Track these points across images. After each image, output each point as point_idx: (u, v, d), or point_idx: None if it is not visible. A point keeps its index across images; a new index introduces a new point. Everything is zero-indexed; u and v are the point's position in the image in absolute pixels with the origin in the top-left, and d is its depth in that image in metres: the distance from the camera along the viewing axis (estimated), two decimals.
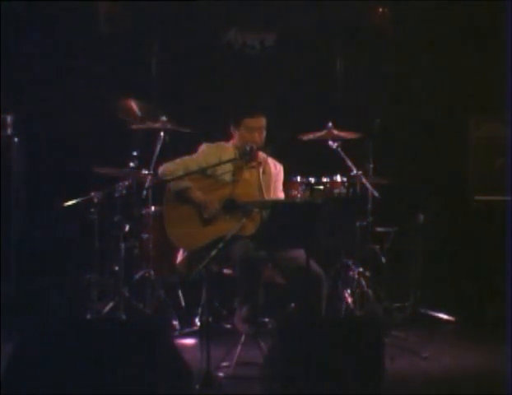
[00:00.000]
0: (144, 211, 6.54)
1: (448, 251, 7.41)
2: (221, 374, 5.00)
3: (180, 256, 5.61)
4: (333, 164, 6.31)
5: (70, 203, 6.31)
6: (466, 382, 5.13)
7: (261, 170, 5.67)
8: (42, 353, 3.86)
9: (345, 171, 6.25)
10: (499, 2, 7.11)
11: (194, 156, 5.67)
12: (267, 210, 5.31)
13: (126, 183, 6.40)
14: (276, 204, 5.30)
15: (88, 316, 6.23)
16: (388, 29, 7.71)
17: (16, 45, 7.23)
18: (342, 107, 7.45)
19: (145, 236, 6.52)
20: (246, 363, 5.16)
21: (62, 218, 6.87)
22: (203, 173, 5.56)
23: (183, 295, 6.61)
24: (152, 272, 6.42)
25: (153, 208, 6.46)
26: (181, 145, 6.13)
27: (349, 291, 6.46)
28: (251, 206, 5.33)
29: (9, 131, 6.87)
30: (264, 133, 5.61)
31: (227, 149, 5.69)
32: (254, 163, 5.66)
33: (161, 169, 5.65)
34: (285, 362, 4.04)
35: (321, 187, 5.95)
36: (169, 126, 6.47)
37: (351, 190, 6.19)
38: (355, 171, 6.31)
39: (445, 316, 6.84)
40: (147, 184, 6.40)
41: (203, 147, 5.72)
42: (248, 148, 5.57)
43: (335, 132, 6.45)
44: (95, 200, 6.33)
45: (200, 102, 7.39)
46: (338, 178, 6.13)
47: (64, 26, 7.33)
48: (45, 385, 3.81)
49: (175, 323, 6.30)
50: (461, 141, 7.45)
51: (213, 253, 4.79)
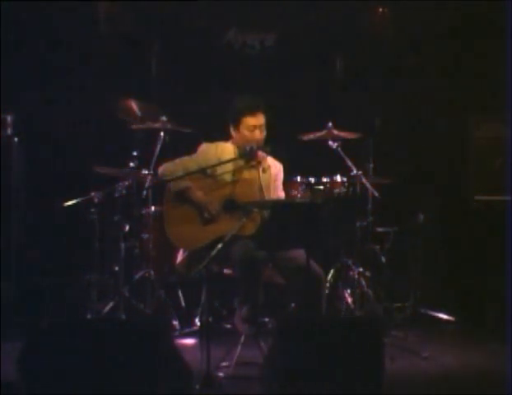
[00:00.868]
0: (144, 211, 6.54)
1: (448, 251, 7.41)
2: (221, 374, 5.00)
3: (180, 256, 5.60)
4: (333, 164, 6.31)
5: (70, 203, 6.31)
6: (466, 382, 5.13)
7: (261, 170, 5.66)
8: (42, 353, 3.86)
9: (345, 171, 6.25)
10: (499, 2, 7.11)
11: (194, 156, 5.66)
12: (267, 210, 5.31)
13: (126, 183, 6.40)
14: (276, 204, 5.30)
15: (88, 316, 6.23)
16: (388, 29, 7.71)
17: (16, 45, 7.22)
18: (342, 107, 7.44)
19: (145, 236, 6.52)
20: (246, 363, 5.16)
21: (62, 218, 6.86)
22: (203, 173, 5.55)
23: (183, 295, 6.61)
24: (152, 272, 6.42)
25: (153, 208, 6.46)
26: (181, 145, 6.12)
27: (349, 291, 6.46)
28: (251, 206, 5.32)
29: (9, 131, 6.86)
30: (264, 132, 5.60)
31: (227, 149, 5.68)
32: (254, 162, 5.64)
33: (161, 169, 5.64)
34: (285, 362, 4.04)
35: (321, 187, 5.95)
36: (169, 126, 6.47)
37: (351, 190, 6.18)
38: (355, 171, 6.31)
39: (445, 316, 6.85)
40: (147, 184, 6.40)
41: (203, 147, 5.72)
42: (248, 148, 5.56)
43: (335, 132, 6.45)
44: (95, 200, 6.34)
45: (200, 102, 7.39)
46: (338, 178, 6.13)
47: (64, 26, 7.33)
48: (45, 385, 3.82)
49: (175, 323, 6.30)
50: (461, 141, 7.45)
51: (213, 253, 4.79)
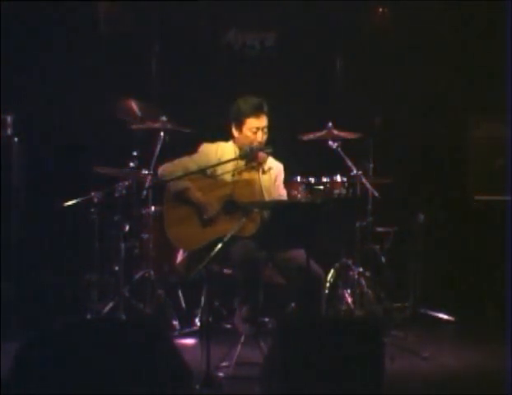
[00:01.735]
0: (144, 211, 6.54)
1: (448, 251, 7.41)
2: (221, 374, 5.00)
3: (180, 256, 5.61)
4: (333, 164, 6.31)
5: (70, 203, 6.31)
6: (466, 382, 5.13)
7: (261, 171, 5.66)
8: (42, 353, 3.86)
9: (345, 171, 6.25)
10: (499, 2, 7.11)
11: (194, 156, 5.66)
12: (267, 210, 5.31)
13: (126, 183, 6.40)
14: (276, 205, 5.30)
15: (88, 316, 6.23)
16: (388, 29, 7.71)
17: (17, 45, 7.22)
18: (342, 107, 7.44)
19: (145, 236, 6.52)
20: (246, 363, 5.16)
21: (62, 218, 6.86)
22: (203, 173, 5.55)
23: (183, 295, 6.61)
24: (152, 272, 6.42)
25: (153, 208, 6.46)
26: (181, 145, 6.12)
27: (349, 291, 6.46)
28: (251, 206, 5.31)
29: (9, 131, 6.86)
30: (266, 134, 5.60)
31: (227, 149, 5.67)
32: (254, 163, 5.64)
33: (161, 169, 5.64)
34: (285, 362, 4.04)
35: (321, 187, 5.95)
36: (169, 126, 6.47)
37: (351, 191, 6.18)
38: (355, 171, 6.31)
39: (445, 316, 6.85)
40: (147, 184, 6.39)
41: (203, 147, 5.71)
42: (248, 148, 5.56)
43: (335, 132, 6.45)
44: (95, 200, 6.33)
45: (200, 102, 7.39)
46: (338, 178, 6.14)
47: (64, 26, 7.33)
48: (45, 385, 3.81)
49: (175, 323, 6.30)
50: (461, 141, 7.45)
51: (212, 254, 4.79)
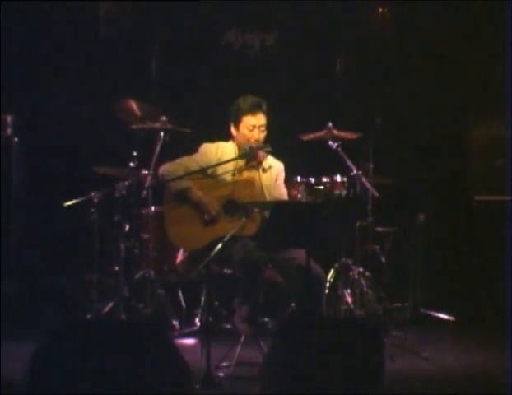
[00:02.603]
0: (144, 211, 6.53)
1: (448, 251, 7.40)
2: (221, 374, 5.00)
3: (180, 256, 5.61)
4: (333, 164, 6.31)
5: (70, 203, 6.31)
6: (466, 382, 5.13)
7: (261, 170, 5.66)
8: (42, 353, 3.86)
9: (345, 171, 6.24)
10: (499, 2, 7.11)
11: (195, 156, 5.66)
12: (267, 210, 5.30)
13: (126, 183, 6.40)
14: (276, 205, 5.29)
15: (88, 316, 6.22)
16: (388, 29, 7.70)
17: (16, 45, 7.22)
18: (342, 107, 7.44)
19: (145, 236, 6.52)
20: (246, 363, 5.16)
21: (62, 218, 6.86)
22: (204, 173, 5.55)
23: (183, 295, 6.60)
24: (152, 272, 6.42)
25: (153, 208, 6.46)
26: (181, 145, 6.12)
27: (349, 291, 6.46)
28: (252, 206, 5.31)
29: (9, 131, 6.86)
30: (265, 132, 5.60)
31: (227, 149, 5.68)
32: (254, 162, 5.64)
33: (161, 169, 5.64)
34: (285, 362, 4.04)
35: (321, 187, 5.95)
36: (169, 126, 6.47)
37: (352, 192, 6.18)
38: (355, 171, 6.31)
39: (445, 316, 6.84)
40: (147, 184, 6.39)
41: (204, 147, 5.71)
42: (247, 148, 5.56)
43: (335, 132, 6.44)
44: (95, 200, 6.33)
45: (200, 102, 7.38)
46: (338, 178, 6.14)
47: (64, 26, 7.33)
48: (45, 385, 3.81)
49: (175, 323, 6.30)
50: (461, 141, 7.45)
51: (212, 254, 4.79)
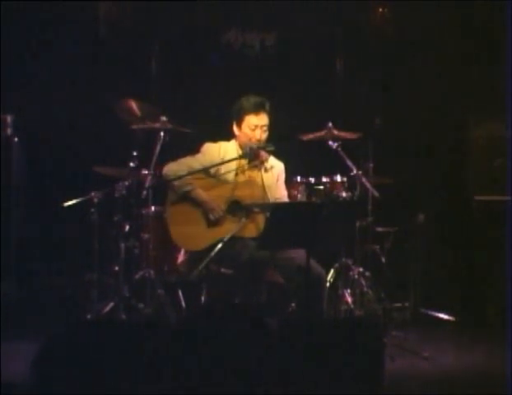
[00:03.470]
0: (144, 211, 6.53)
1: (448, 251, 7.40)
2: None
3: (182, 256, 5.61)
4: (333, 164, 6.31)
5: (70, 203, 6.31)
6: (466, 382, 5.13)
7: (263, 169, 5.67)
8: (41, 353, 3.86)
9: (345, 171, 6.24)
10: (499, 2, 7.11)
11: (198, 156, 5.67)
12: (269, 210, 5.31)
13: (126, 183, 6.40)
14: (280, 206, 5.29)
15: (88, 316, 6.22)
16: (388, 29, 7.70)
17: (16, 45, 7.22)
18: (342, 107, 7.44)
19: (145, 236, 6.52)
20: None
21: (62, 218, 6.86)
22: (206, 172, 5.55)
23: (183, 295, 6.60)
24: (152, 272, 6.42)
25: (153, 208, 6.45)
26: (181, 145, 6.12)
27: (349, 291, 6.46)
28: (256, 207, 5.32)
29: (9, 131, 6.86)
30: (267, 133, 5.60)
31: (229, 148, 5.68)
32: (257, 162, 5.65)
33: (165, 169, 5.64)
34: (285, 362, 4.04)
35: (321, 187, 5.95)
36: (169, 126, 6.46)
37: (355, 191, 6.19)
38: (355, 171, 6.31)
39: (445, 316, 6.84)
40: (147, 184, 6.39)
41: (206, 147, 5.72)
42: (249, 148, 5.56)
43: (335, 132, 6.44)
44: (95, 200, 6.33)
45: (200, 102, 7.38)
46: (338, 178, 6.14)
47: (64, 26, 7.33)
48: (44, 385, 3.81)
49: None
50: (461, 141, 7.45)
51: (212, 254, 4.79)
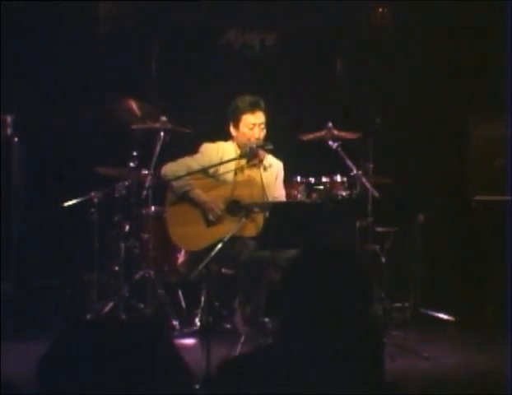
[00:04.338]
0: (144, 211, 6.53)
1: (448, 251, 7.40)
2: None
3: (182, 257, 5.61)
4: (333, 164, 6.31)
5: (70, 203, 6.31)
6: (466, 382, 5.13)
7: (262, 168, 5.67)
8: (41, 353, 3.86)
9: (345, 171, 6.24)
10: (499, 2, 7.11)
11: (196, 156, 5.67)
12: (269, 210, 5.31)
13: (126, 183, 6.40)
14: (279, 205, 5.30)
15: (88, 316, 6.22)
16: (388, 29, 7.70)
17: (16, 45, 7.22)
18: (342, 107, 7.44)
19: (145, 236, 6.52)
20: None
21: (62, 218, 6.86)
22: (205, 172, 5.55)
23: (183, 295, 6.60)
24: (152, 272, 6.42)
25: (153, 208, 6.45)
26: (181, 145, 6.12)
27: None
28: (255, 206, 5.32)
29: (9, 131, 6.85)
30: (264, 130, 5.60)
31: (228, 148, 5.69)
32: (256, 161, 5.65)
33: (163, 169, 5.65)
34: (284, 362, 4.03)
35: (321, 187, 5.95)
36: (169, 126, 6.46)
37: (355, 191, 6.19)
38: (355, 171, 6.31)
39: (445, 316, 6.84)
40: (147, 184, 6.39)
41: (204, 147, 5.72)
42: (248, 147, 5.57)
43: (335, 132, 6.44)
44: (95, 200, 6.33)
45: (200, 102, 7.38)
46: (338, 178, 6.14)
47: (64, 26, 7.33)
48: (44, 385, 3.81)
49: (175, 323, 6.29)
50: (461, 141, 7.45)
51: (213, 254, 4.79)
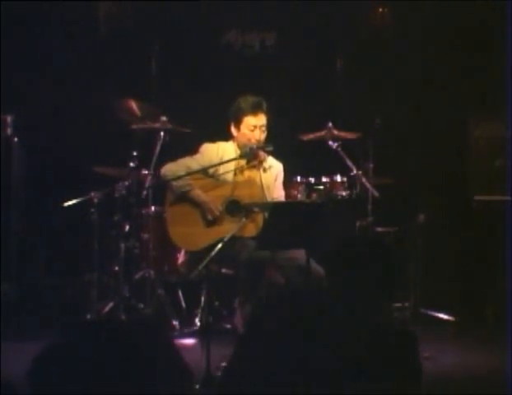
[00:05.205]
0: (144, 211, 6.53)
1: (448, 251, 7.40)
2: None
3: (182, 257, 5.61)
4: (333, 164, 6.31)
5: (70, 203, 6.31)
6: (466, 382, 5.13)
7: (262, 170, 5.67)
8: (41, 353, 3.86)
9: (345, 171, 6.24)
10: (499, 2, 7.11)
11: (196, 156, 5.67)
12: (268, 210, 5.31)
13: (126, 183, 6.40)
14: (279, 205, 5.30)
15: (88, 316, 6.23)
16: (388, 29, 7.70)
17: (16, 45, 7.22)
18: (342, 107, 7.44)
19: (145, 236, 6.52)
20: None
21: (62, 218, 6.86)
22: (205, 173, 5.56)
23: (183, 295, 6.60)
24: (152, 272, 6.42)
25: (153, 208, 6.46)
26: (181, 145, 6.12)
27: None
28: (254, 206, 5.32)
29: (9, 131, 6.86)
30: (265, 132, 5.61)
31: (228, 148, 5.69)
32: (255, 162, 5.66)
33: (163, 169, 5.65)
34: (284, 362, 4.03)
35: (321, 187, 5.95)
36: (169, 126, 6.47)
37: (355, 191, 6.19)
38: (355, 171, 6.31)
39: (445, 316, 6.84)
40: (147, 184, 6.39)
41: (204, 147, 5.72)
42: (248, 148, 5.57)
43: (335, 132, 6.44)
44: (95, 200, 6.33)
45: (200, 102, 7.38)
46: (338, 178, 6.14)
47: (64, 26, 7.33)
48: (44, 385, 3.81)
49: (175, 323, 6.30)
50: (461, 141, 7.45)
51: (213, 254, 4.79)
